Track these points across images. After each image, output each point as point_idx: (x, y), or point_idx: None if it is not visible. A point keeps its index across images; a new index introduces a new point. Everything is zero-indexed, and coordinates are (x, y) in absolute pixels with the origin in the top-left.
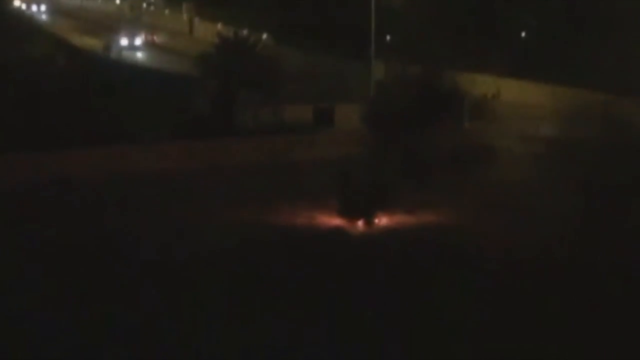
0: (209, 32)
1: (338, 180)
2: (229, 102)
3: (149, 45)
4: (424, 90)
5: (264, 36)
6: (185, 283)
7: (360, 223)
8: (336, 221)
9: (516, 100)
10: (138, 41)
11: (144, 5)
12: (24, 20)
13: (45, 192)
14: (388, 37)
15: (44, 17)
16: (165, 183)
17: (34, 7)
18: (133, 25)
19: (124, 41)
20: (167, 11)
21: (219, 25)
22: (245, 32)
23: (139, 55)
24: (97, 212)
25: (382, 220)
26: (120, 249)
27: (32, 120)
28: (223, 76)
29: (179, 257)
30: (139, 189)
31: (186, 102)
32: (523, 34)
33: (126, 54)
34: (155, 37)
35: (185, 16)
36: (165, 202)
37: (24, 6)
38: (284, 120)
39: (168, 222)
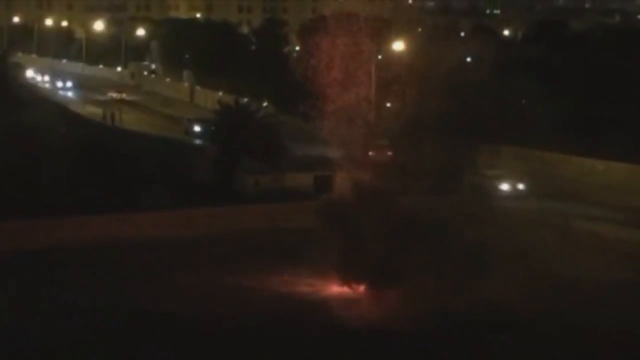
0: (209, 99)
1: None
2: (230, 169)
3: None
4: None
5: (265, 104)
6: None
7: None
8: None
9: None
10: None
11: (145, 72)
12: (26, 89)
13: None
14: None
15: (69, 94)
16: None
17: (59, 83)
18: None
19: (197, 127)
20: (168, 79)
21: (220, 93)
22: (245, 99)
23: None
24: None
25: None
26: None
27: (30, 186)
28: (224, 143)
29: None
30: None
31: (187, 169)
32: (523, 101)
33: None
34: (124, 94)
35: (185, 84)
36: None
37: (38, 77)
38: (284, 188)
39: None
